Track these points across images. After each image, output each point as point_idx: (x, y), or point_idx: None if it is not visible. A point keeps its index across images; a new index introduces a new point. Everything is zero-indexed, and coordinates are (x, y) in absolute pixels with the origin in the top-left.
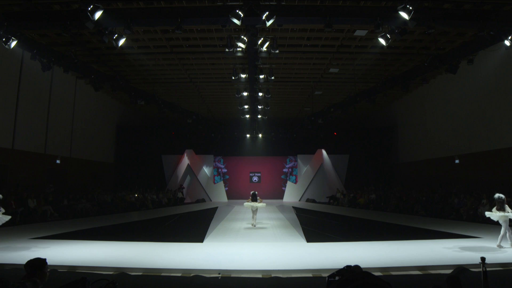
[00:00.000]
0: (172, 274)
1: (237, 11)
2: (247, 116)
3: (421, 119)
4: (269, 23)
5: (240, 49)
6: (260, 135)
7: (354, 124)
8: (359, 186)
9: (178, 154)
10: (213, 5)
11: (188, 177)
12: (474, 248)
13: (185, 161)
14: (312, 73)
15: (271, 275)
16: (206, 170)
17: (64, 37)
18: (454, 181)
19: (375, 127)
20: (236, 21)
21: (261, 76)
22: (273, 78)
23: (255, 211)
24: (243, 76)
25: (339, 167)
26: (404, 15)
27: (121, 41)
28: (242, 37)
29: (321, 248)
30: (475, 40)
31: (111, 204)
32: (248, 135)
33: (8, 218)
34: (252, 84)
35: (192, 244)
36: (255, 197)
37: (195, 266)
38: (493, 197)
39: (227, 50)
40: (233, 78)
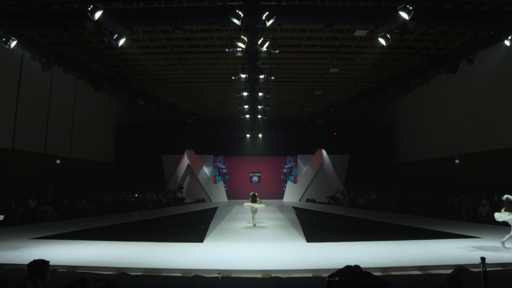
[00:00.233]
0: (172, 274)
1: (237, 11)
2: (247, 116)
3: (421, 119)
4: (269, 23)
5: (240, 49)
6: (260, 135)
7: (354, 124)
8: (359, 186)
9: (178, 154)
10: (213, 5)
11: (188, 177)
12: (474, 248)
13: (185, 161)
14: (312, 73)
15: (271, 275)
16: (206, 170)
17: (64, 37)
18: (454, 181)
19: (375, 127)
20: (236, 21)
21: (261, 76)
22: (273, 78)
23: (254, 212)
24: (243, 76)
25: (339, 167)
26: (404, 15)
27: (121, 41)
28: (242, 37)
29: (321, 248)
30: (475, 40)
31: (111, 204)
32: (248, 135)
33: (2, 217)
34: (252, 84)
35: (192, 244)
36: (255, 198)
37: (195, 266)
38: (502, 199)
39: (227, 50)
40: (233, 78)
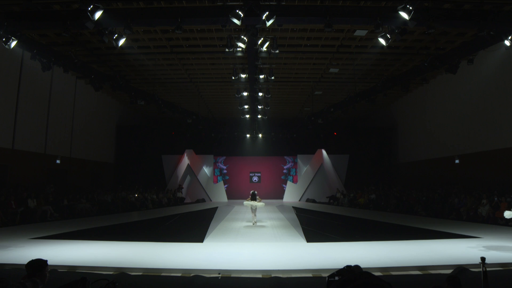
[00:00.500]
0: (172, 274)
1: (237, 11)
2: (247, 116)
3: (421, 119)
4: (269, 23)
5: (240, 49)
6: (260, 135)
7: (354, 124)
8: (359, 186)
9: (178, 154)
10: (213, 5)
11: (188, 177)
12: (474, 248)
13: (185, 161)
14: (312, 73)
15: (271, 275)
16: (206, 170)
17: (64, 37)
18: (454, 181)
19: (375, 127)
20: (236, 21)
21: (261, 76)
22: (273, 78)
23: (254, 210)
24: (243, 76)
25: (339, 167)
26: (404, 15)
27: (121, 41)
28: (242, 37)
29: (321, 248)
30: (475, 40)
31: (111, 204)
32: (248, 135)
33: None
34: (252, 84)
35: (192, 244)
36: (255, 196)
37: (195, 266)
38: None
39: (227, 50)
40: (233, 78)
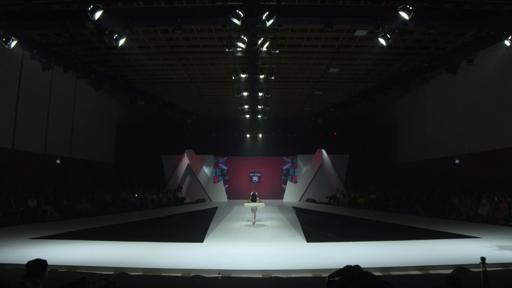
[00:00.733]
0: (172, 274)
1: (237, 11)
2: (247, 116)
3: (421, 119)
4: (269, 23)
5: (240, 49)
6: (260, 135)
7: (354, 124)
8: (359, 186)
9: (178, 154)
10: (213, 5)
11: (188, 177)
12: (474, 248)
13: (185, 161)
14: (312, 73)
15: (271, 275)
16: (206, 170)
17: (64, 37)
18: (454, 181)
19: (375, 127)
20: (236, 21)
21: (261, 76)
22: (273, 78)
23: (254, 211)
24: (243, 76)
25: (339, 167)
26: (404, 15)
27: (121, 41)
28: (242, 37)
29: (321, 248)
30: (475, 40)
31: (111, 204)
32: (248, 135)
33: None
34: (252, 84)
35: (192, 244)
36: (255, 197)
37: (195, 266)
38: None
39: (227, 50)
40: (233, 78)
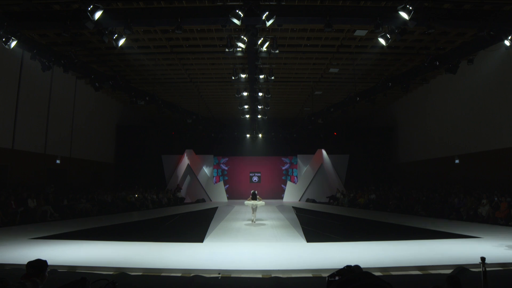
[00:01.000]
0: (172, 274)
1: (237, 11)
2: (247, 116)
3: (421, 119)
4: (269, 23)
5: (240, 49)
6: (260, 135)
7: (354, 124)
8: (359, 186)
9: (178, 154)
10: (213, 5)
11: (188, 177)
12: (474, 248)
13: (185, 161)
14: (312, 73)
15: (271, 275)
16: (206, 170)
17: (64, 37)
18: (454, 181)
19: (375, 127)
20: (236, 21)
21: (261, 76)
22: (273, 78)
23: (255, 209)
24: (243, 76)
25: (339, 167)
26: (404, 15)
27: (121, 41)
28: (242, 37)
29: (321, 248)
30: (475, 40)
31: (111, 204)
32: (248, 135)
33: None
34: (252, 84)
35: (192, 244)
36: (255, 196)
37: (195, 266)
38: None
39: (227, 50)
40: (233, 78)
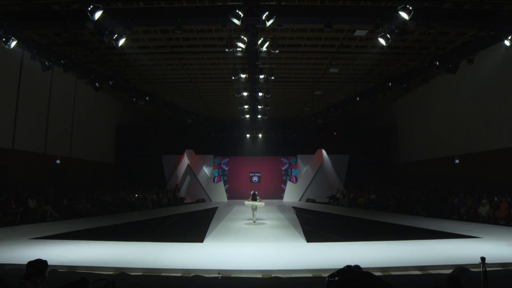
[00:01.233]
0: (172, 274)
1: (237, 11)
2: (247, 116)
3: (421, 119)
4: (269, 23)
5: (240, 49)
6: (260, 135)
7: (354, 124)
8: (359, 186)
9: (178, 154)
10: (213, 5)
11: (188, 177)
12: (474, 248)
13: (185, 161)
14: (312, 73)
15: (271, 275)
16: (206, 170)
17: (64, 37)
18: (454, 181)
19: (375, 127)
20: (236, 21)
21: (261, 76)
22: (273, 78)
23: (255, 209)
24: (243, 76)
25: (339, 167)
26: (404, 15)
27: (121, 41)
28: (242, 37)
29: (321, 248)
30: (475, 40)
31: (111, 204)
32: (248, 135)
33: None
34: (252, 84)
35: (192, 244)
36: (255, 196)
37: (195, 266)
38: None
39: (227, 50)
40: (233, 78)
